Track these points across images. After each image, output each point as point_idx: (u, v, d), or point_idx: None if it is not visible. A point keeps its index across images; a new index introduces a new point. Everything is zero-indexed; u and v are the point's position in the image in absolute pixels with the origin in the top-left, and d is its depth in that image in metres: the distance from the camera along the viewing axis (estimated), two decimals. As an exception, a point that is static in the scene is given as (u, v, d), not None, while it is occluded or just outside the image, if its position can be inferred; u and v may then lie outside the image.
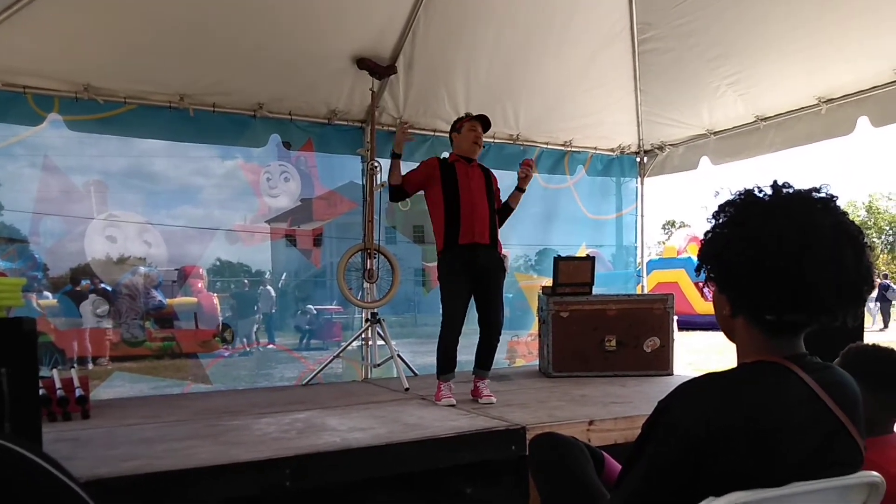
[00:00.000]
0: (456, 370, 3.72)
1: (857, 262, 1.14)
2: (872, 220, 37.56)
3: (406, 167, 5.55)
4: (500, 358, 6.34)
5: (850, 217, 1.20)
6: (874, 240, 35.65)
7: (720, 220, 1.25)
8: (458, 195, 3.70)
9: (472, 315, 3.83)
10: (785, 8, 4.05)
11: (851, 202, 38.09)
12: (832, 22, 3.98)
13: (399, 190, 3.83)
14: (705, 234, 1.27)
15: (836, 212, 1.18)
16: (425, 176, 3.80)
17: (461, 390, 4.04)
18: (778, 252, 1.13)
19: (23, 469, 0.70)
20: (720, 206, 1.26)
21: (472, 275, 3.69)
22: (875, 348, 1.80)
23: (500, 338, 3.86)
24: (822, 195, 1.20)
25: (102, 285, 6.29)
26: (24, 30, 3.69)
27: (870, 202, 38.57)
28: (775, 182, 1.23)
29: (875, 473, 1.20)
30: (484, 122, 3.87)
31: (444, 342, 3.70)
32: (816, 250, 1.12)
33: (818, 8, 3.95)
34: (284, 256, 7.23)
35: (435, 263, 3.86)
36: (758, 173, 1.27)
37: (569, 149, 5.93)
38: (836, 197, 1.20)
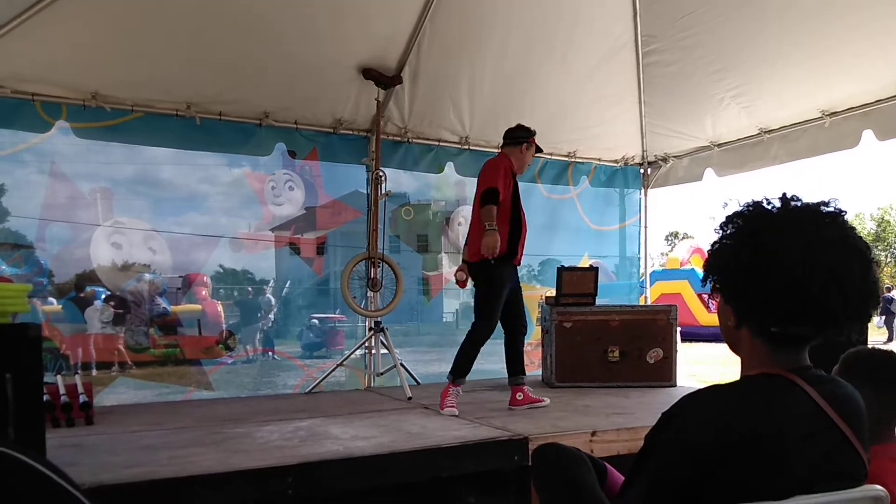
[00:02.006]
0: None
1: (864, 277, 1.14)
2: (882, 231, 37.30)
3: (411, 176, 5.62)
4: (502, 367, 6.33)
5: (858, 230, 1.20)
6: (880, 253, 35.42)
7: (728, 232, 1.25)
8: (521, 216, 3.80)
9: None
10: (788, 21, 4.07)
11: (859, 215, 37.94)
12: (836, 35, 4.00)
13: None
14: (712, 245, 1.28)
15: (843, 226, 1.18)
16: (505, 181, 3.69)
17: (462, 400, 4.04)
18: (785, 265, 1.14)
19: (24, 476, 0.70)
20: (728, 218, 1.26)
21: (513, 285, 3.84)
22: (872, 351, 1.80)
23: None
24: (831, 209, 1.20)
25: (107, 292, 6.31)
26: (33, 38, 3.73)
27: (882, 215, 38.35)
28: (784, 195, 1.23)
29: (879, 487, 1.20)
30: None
31: (475, 345, 3.74)
32: (823, 264, 1.12)
33: (822, 21, 3.97)
34: (288, 264, 7.24)
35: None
36: (765, 185, 1.28)
37: (573, 160, 5.95)
38: (845, 212, 1.20)
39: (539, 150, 4.04)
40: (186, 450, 2.65)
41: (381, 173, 4.73)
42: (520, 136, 3.91)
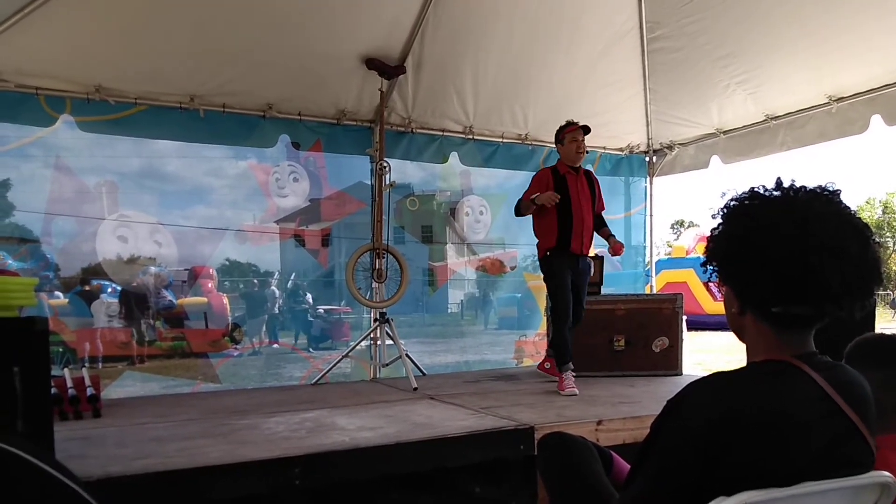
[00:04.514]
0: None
1: (863, 253, 1.14)
2: (887, 218, 37.08)
3: (416, 166, 5.60)
4: (508, 358, 6.35)
5: (867, 216, 1.21)
6: (888, 240, 35.21)
7: (724, 216, 1.27)
8: (571, 208, 4.08)
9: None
10: (794, 5, 4.02)
11: (869, 200, 37.70)
12: (842, 18, 3.95)
13: (525, 207, 4.13)
14: (711, 231, 1.29)
15: (839, 204, 1.19)
16: (542, 187, 4.07)
17: (468, 390, 4.05)
18: (780, 237, 1.15)
19: (21, 472, 0.70)
20: (725, 204, 1.28)
21: (572, 273, 4.12)
22: (879, 336, 1.78)
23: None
24: (826, 190, 1.21)
25: (114, 285, 6.33)
26: (36, 32, 3.72)
27: (886, 201, 38.09)
28: (779, 179, 1.25)
29: (887, 473, 1.19)
30: (585, 130, 4.21)
31: (559, 333, 4.09)
32: (819, 237, 1.13)
33: (827, 5, 3.92)
34: (293, 256, 7.25)
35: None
36: (773, 172, 1.29)
37: (577, 148, 5.91)
38: (840, 191, 1.22)
39: (586, 130, 4.19)
40: (194, 441, 2.66)
41: (385, 164, 4.72)
42: (556, 136, 4.28)
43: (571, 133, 4.17)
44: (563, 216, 4.07)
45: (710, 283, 16.04)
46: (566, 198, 4.06)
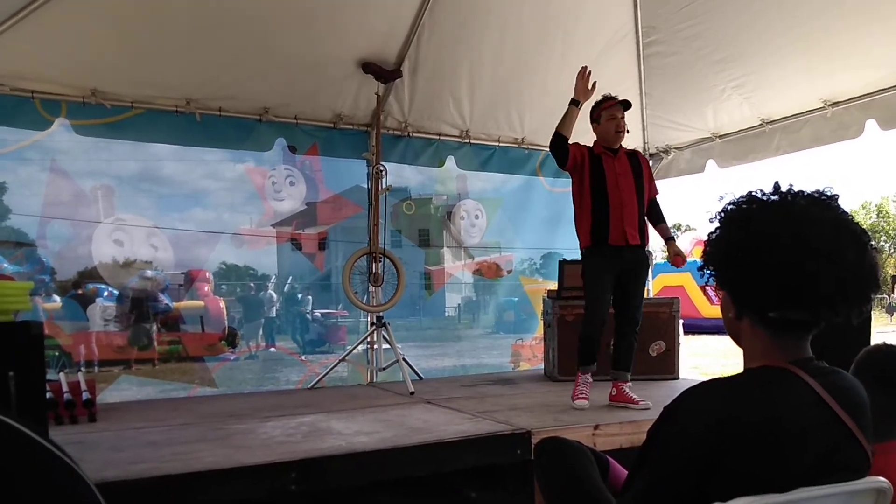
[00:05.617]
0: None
1: (860, 259, 1.14)
2: (883, 222, 37.34)
3: (412, 170, 5.60)
4: (505, 362, 6.35)
5: (859, 219, 1.21)
6: (883, 244, 35.41)
7: (722, 220, 1.27)
8: (607, 193, 3.61)
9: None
10: (788, 9, 4.05)
11: (865, 204, 37.96)
12: (837, 24, 3.98)
13: (563, 142, 3.61)
14: (709, 236, 1.29)
15: (837, 209, 1.19)
16: (578, 155, 3.66)
17: (465, 394, 4.05)
18: (776, 243, 1.15)
19: (26, 449, 0.69)
20: (722, 208, 1.29)
21: (616, 273, 3.65)
22: (887, 346, 1.78)
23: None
24: (824, 195, 1.22)
25: (110, 289, 6.31)
26: (31, 35, 3.71)
27: (881, 205, 38.35)
28: (776, 183, 1.25)
29: (882, 479, 1.19)
30: (625, 105, 3.73)
31: (586, 336, 3.68)
32: (816, 242, 1.13)
33: (822, 9, 3.94)
34: (289, 260, 7.24)
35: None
36: (768, 176, 1.29)
37: (574, 152, 5.91)
38: (838, 196, 1.22)
39: (626, 106, 3.75)
40: (190, 446, 2.66)
41: (381, 168, 4.72)
42: (591, 114, 3.80)
43: (609, 110, 3.70)
44: (597, 203, 3.62)
45: (707, 287, 16.09)
46: (601, 182, 3.62)
